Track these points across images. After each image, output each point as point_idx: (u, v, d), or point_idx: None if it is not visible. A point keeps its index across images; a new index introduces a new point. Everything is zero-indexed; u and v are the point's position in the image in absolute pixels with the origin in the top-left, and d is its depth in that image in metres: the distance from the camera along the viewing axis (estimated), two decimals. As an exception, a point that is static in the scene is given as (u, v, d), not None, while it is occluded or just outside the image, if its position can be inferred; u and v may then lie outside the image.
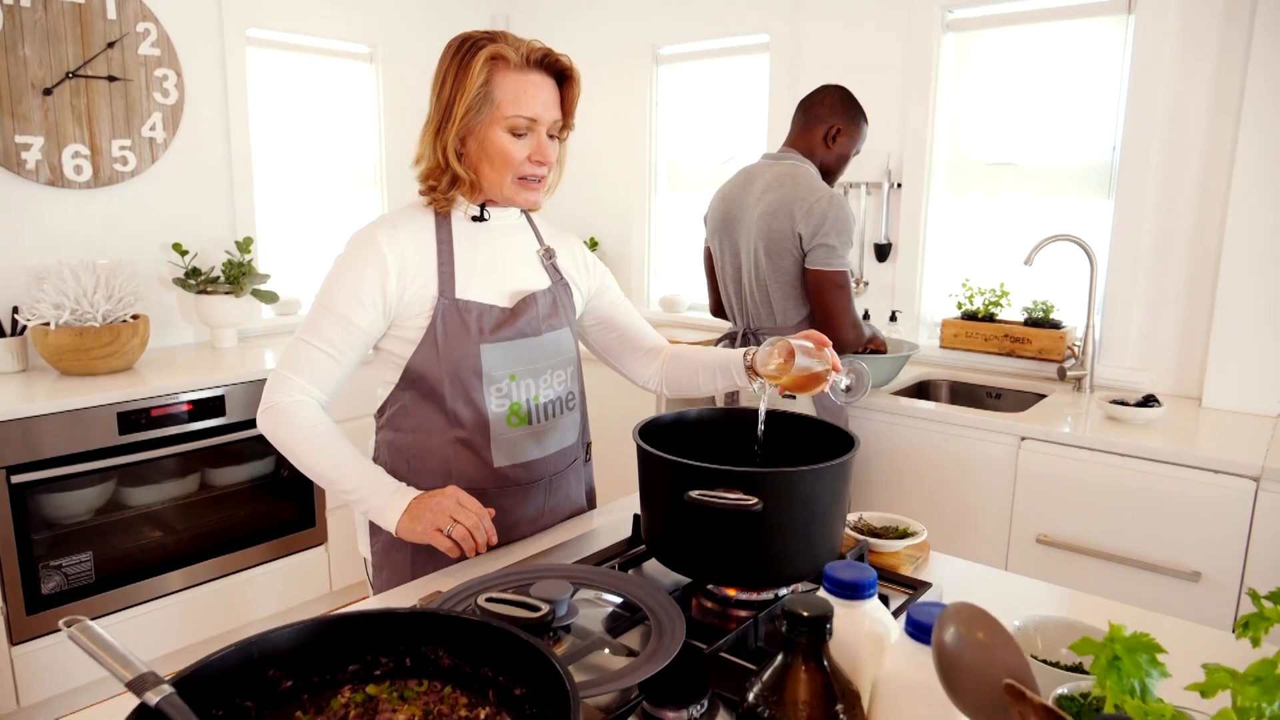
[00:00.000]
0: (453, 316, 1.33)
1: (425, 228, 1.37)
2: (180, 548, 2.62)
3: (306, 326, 1.32)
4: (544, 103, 1.31)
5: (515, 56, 1.28)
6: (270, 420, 1.31)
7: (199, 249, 3.04)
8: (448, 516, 1.23)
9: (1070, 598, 1.25)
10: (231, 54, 3.08)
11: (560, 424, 1.45)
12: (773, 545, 1.09)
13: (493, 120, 1.29)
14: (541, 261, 1.47)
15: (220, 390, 2.62)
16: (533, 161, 1.33)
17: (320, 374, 1.31)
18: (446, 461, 1.37)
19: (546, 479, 1.45)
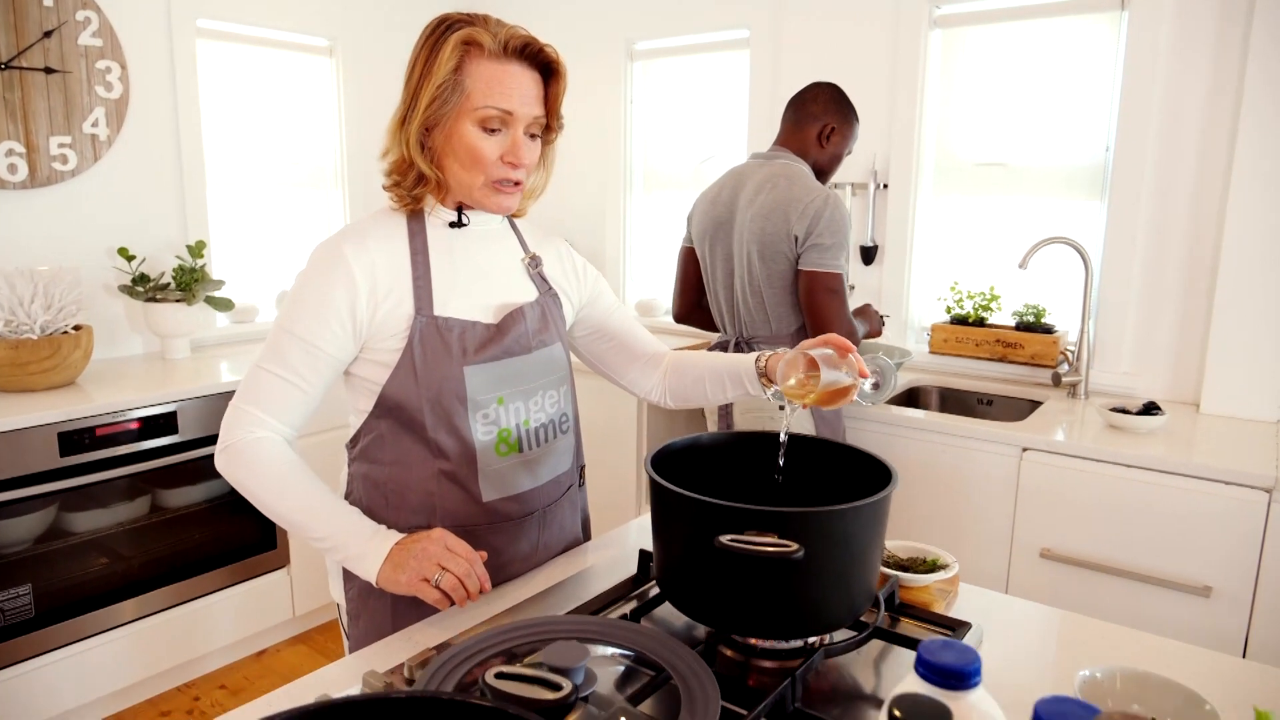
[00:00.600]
0: (432, 336, 1.19)
1: (397, 237, 1.22)
2: (130, 576, 2.44)
3: (267, 353, 1.17)
4: (522, 96, 1.17)
5: (492, 43, 1.14)
6: (229, 461, 1.16)
7: (147, 254, 2.85)
8: (434, 564, 1.09)
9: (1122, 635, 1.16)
10: (180, 45, 2.89)
11: (554, 449, 1.32)
12: (809, 591, 0.97)
13: (461, 111, 1.16)
14: (527, 270, 1.33)
15: (172, 406, 2.44)
16: (506, 162, 1.19)
17: (284, 406, 1.17)
18: (429, 497, 1.23)
19: (540, 511, 1.31)
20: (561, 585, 1.26)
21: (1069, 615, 1.21)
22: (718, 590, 0.99)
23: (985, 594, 1.28)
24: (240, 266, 3.21)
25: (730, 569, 0.97)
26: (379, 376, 1.20)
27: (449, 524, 1.22)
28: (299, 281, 1.18)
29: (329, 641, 2.88)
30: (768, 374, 1.29)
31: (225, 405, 2.50)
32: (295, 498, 1.15)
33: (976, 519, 2.22)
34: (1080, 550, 2.07)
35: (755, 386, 1.30)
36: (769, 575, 0.96)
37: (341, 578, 1.28)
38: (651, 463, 1.10)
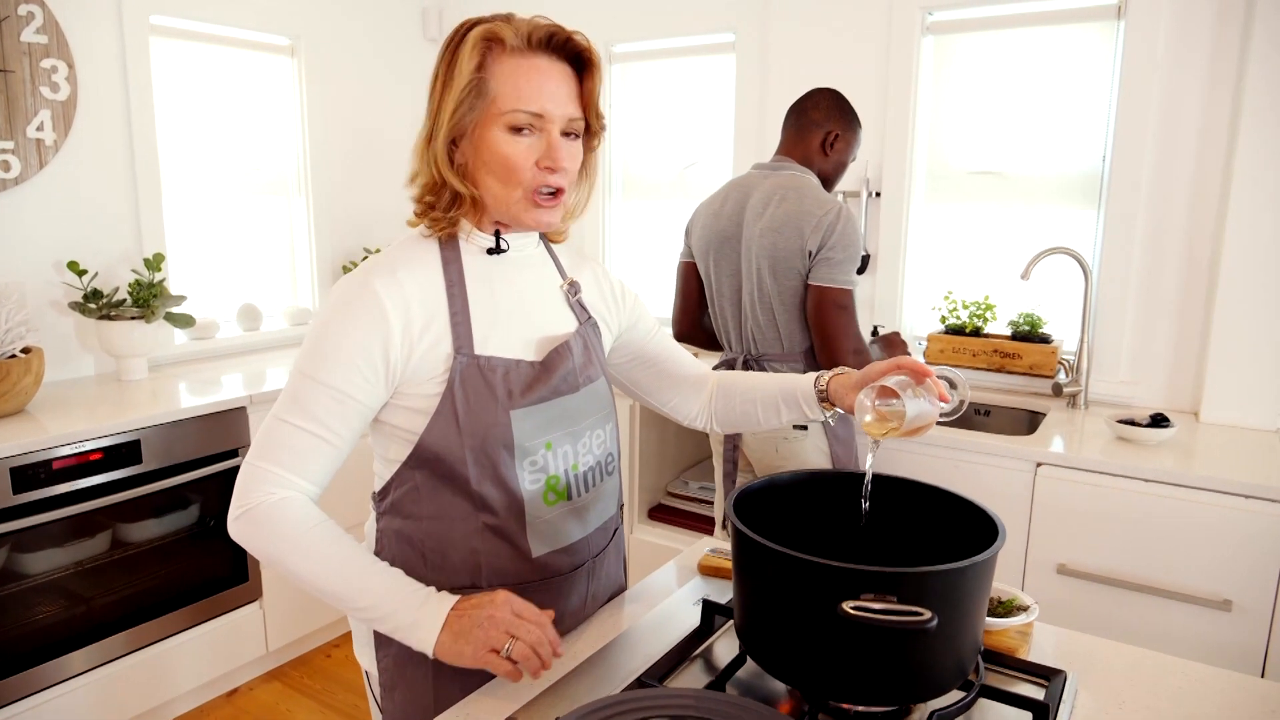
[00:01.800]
0: (474, 378, 1.07)
1: (430, 266, 1.09)
2: (90, 619, 2.25)
3: (287, 403, 1.04)
4: (552, 93, 1.04)
5: (514, 37, 1.03)
6: (246, 527, 1.03)
7: (100, 268, 2.65)
8: (503, 633, 0.98)
9: (1212, 674, 1.10)
10: (133, 44, 2.69)
11: (602, 493, 1.21)
12: (924, 654, 0.89)
13: (488, 117, 1.04)
14: (566, 298, 1.21)
15: (134, 435, 2.26)
16: (542, 168, 1.05)
17: (309, 462, 1.04)
18: (474, 555, 1.11)
19: (590, 562, 1.21)
20: (617, 643, 1.15)
21: (1153, 655, 1.15)
22: (826, 657, 0.90)
23: (1060, 633, 1.22)
24: (200, 280, 3.01)
25: (842, 635, 0.88)
26: (414, 424, 1.08)
27: (497, 583, 1.11)
28: (322, 321, 1.05)
29: (304, 677, 2.71)
30: (830, 397, 1.21)
31: (193, 431, 2.37)
32: (328, 564, 1.02)
33: (989, 536, 2.17)
34: (1098, 565, 2.04)
35: (815, 410, 1.22)
36: (885, 641, 0.87)
37: (373, 643, 1.15)
38: (735, 508, 1.01)
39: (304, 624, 2.76)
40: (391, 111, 3.53)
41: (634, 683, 1.03)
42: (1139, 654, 1.16)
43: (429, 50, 3.66)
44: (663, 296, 3.27)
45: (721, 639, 1.17)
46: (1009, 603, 1.20)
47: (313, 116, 3.24)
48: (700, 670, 1.10)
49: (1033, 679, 1.08)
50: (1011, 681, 1.08)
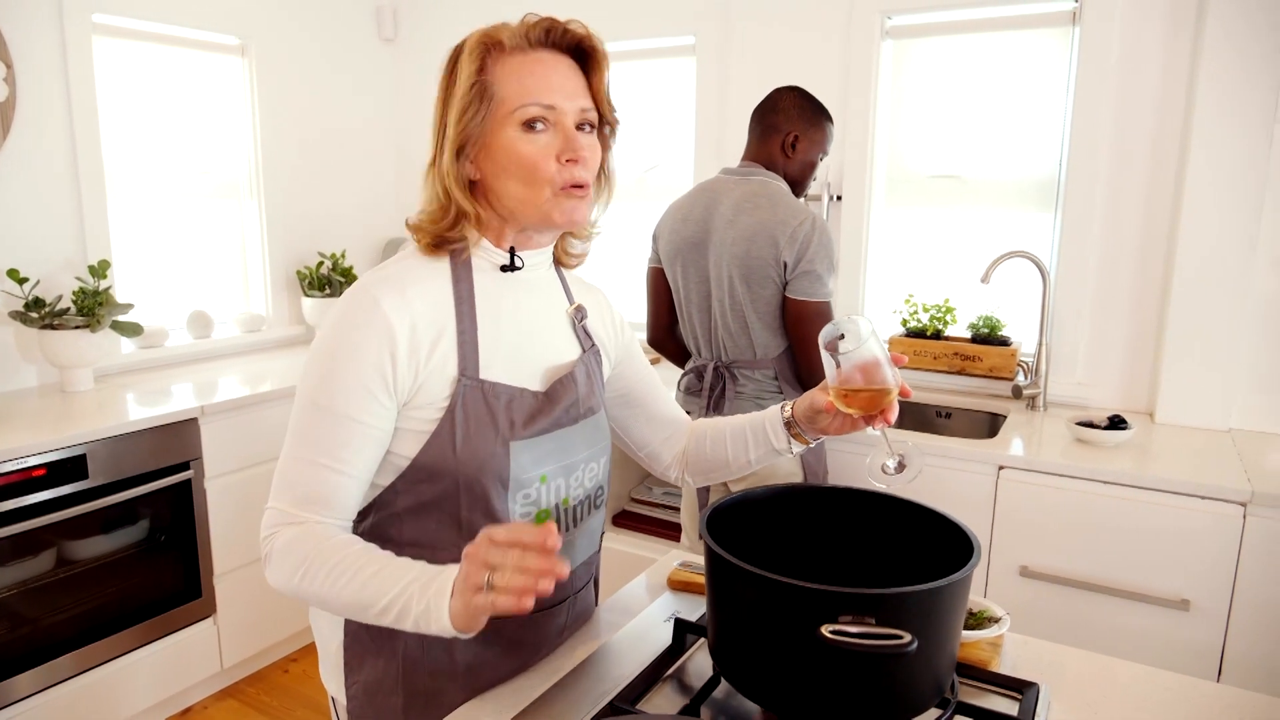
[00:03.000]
0: (476, 404, 1.01)
1: (440, 282, 1.04)
2: (34, 642, 2.16)
3: (299, 438, 0.98)
4: (560, 85, 0.99)
5: (511, 37, 0.99)
6: (280, 568, 0.97)
7: (41, 275, 2.55)
8: (479, 566, 0.85)
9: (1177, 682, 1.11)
10: (74, 43, 2.59)
11: (589, 526, 1.17)
12: (903, 675, 0.88)
13: (499, 120, 0.99)
14: (572, 323, 1.16)
15: (81, 449, 2.18)
16: (564, 162, 0.99)
17: (331, 499, 0.98)
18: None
19: (571, 598, 1.17)
20: (588, 664, 1.13)
21: (1121, 663, 1.16)
22: (804, 679, 0.89)
23: (1030, 643, 1.22)
24: (147, 286, 2.92)
25: (822, 658, 0.86)
26: (407, 449, 1.02)
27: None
28: (327, 343, 0.99)
29: (261, 694, 2.64)
30: (794, 421, 1.17)
31: (142, 444, 2.30)
32: (351, 573, 0.93)
33: (953, 539, 2.19)
34: (1059, 567, 2.07)
35: (781, 438, 1.18)
36: (865, 663, 0.86)
37: (342, 669, 1.10)
38: (708, 527, 0.99)
39: (259, 639, 2.69)
40: (346, 113, 3.46)
41: (606, 707, 1.00)
42: (1108, 662, 1.17)
43: (384, 50, 3.60)
44: (624, 300, 3.25)
45: (694, 658, 1.15)
46: (980, 614, 1.20)
47: (265, 118, 3.16)
48: (674, 691, 1.08)
49: (1005, 692, 1.08)
50: (984, 695, 1.08)
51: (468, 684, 1.08)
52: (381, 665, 1.08)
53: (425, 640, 1.06)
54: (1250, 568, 1.88)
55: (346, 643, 1.09)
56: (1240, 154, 2.19)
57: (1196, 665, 1.94)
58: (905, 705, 0.91)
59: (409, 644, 1.07)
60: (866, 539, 1.10)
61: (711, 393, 2.10)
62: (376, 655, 1.09)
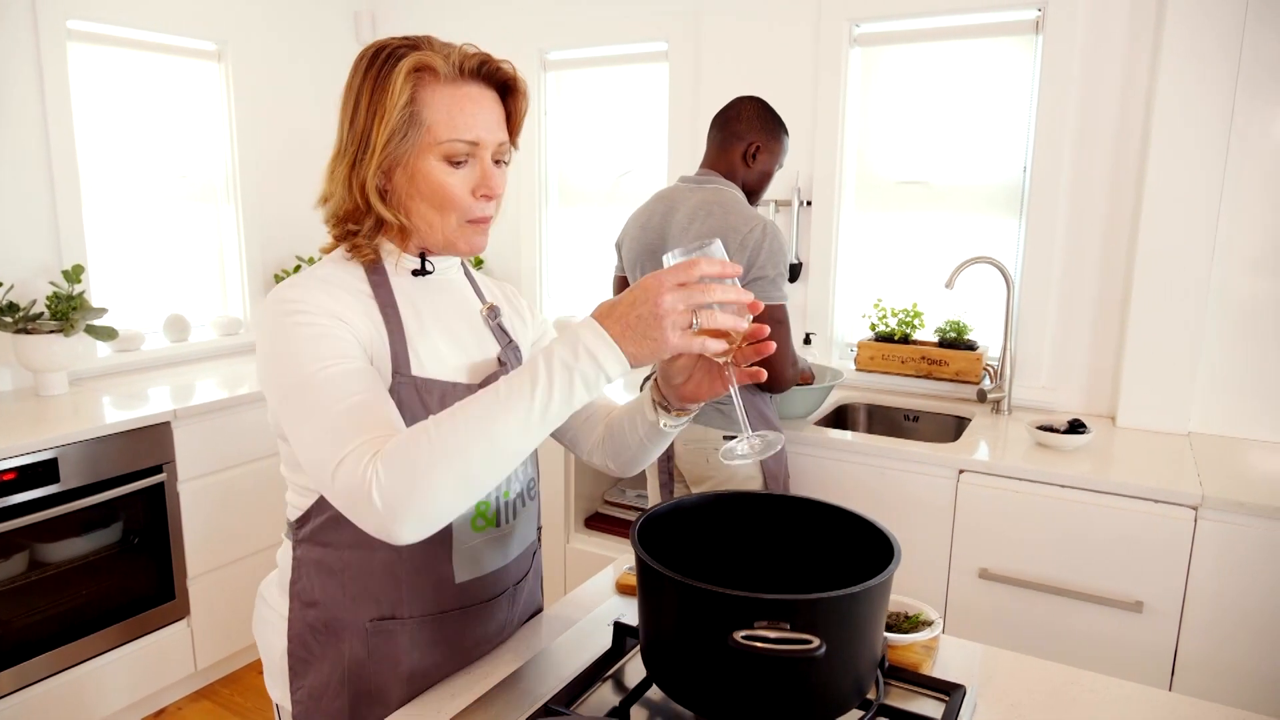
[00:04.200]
0: (413, 400, 1.04)
1: (360, 290, 1.06)
2: (6, 642, 2.18)
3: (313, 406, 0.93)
4: (486, 121, 1.04)
5: (445, 67, 1.01)
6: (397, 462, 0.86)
7: (16, 280, 2.57)
8: (683, 311, 0.85)
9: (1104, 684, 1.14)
10: (49, 49, 2.61)
11: (524, 519, 1.21)
12: (822, 677, 0.91)
13: (424, 147, 1.02)
14: (486, 322, 1.20)
15: (51, 452, 2.20)
16: (479, 196, 1.06)
17: (379, 418, 0.93)
18: (395, 583, 1.09)
19: (511, 589, 1.21)
20: (529, 666, 1.16)
21: (1052, 665, 1.19)
22: (723, 683, 0.92)
23: (964, 646, 1.25)
24: (123, 290, 2.94)
25: (739, 662, 0.89)
26: None
27: (417, 612, 1.10)
28: (281, 335, 0.98)
29: (235, 695, 2.67)
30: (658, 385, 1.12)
31: (114, 447, 2.32)
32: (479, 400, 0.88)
33: (915, 541, 2.22)
34: (1017, 569, 2.10)
35: (649, 410, 1.14)
36: (780, 668, 0.89)
37: (287, 675, 1.13)
38: (638, 534, 1.02)
39: (233, 641, 2.71)
40: (324, 117, 3.47)
41: (540, 709, 1.03)
42: (1039, 665, 1.20)
43: (363, 55, 3.61)
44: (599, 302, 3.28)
45: (633, 661, 1.18)
46: (915, 618, 1.23)
47: (242, 123, 3.18)
48: (611, 693, 1.11)
49: (934, 694, 1.11)
50: (913, 697, 1.11)
51: (411, 683, 1.11)
52: (326, 670, 1.11)
53: (370, 642, 1.09)
54: (1201, 570, 1.92)
55: (291, 648, 1.12)
56: (1198, 162, 2.23)
57: (1150, 665, 1.98)
58: (825, 707, 0.94)
59: (354, 646, 1.10)
60: (799, 545, 1.13)
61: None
62: (322, 660, 1.11)
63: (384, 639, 1.10)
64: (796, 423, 2.37)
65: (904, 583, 2.23)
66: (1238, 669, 1.91)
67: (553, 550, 2.90)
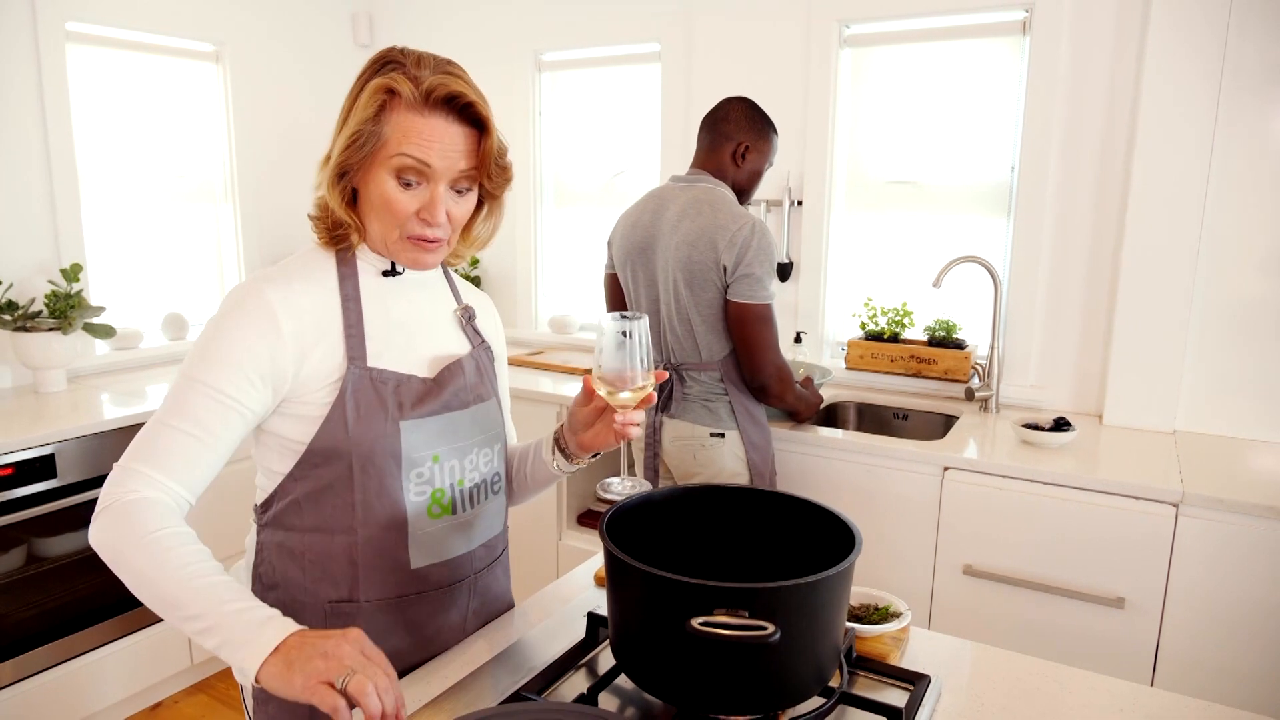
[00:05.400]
0: (365, 389, 1.09)
1: (326, 281, 1.12)
2: (5, 635, 2.22)
3: (169, 407, 1.03)
4: (442, 150, 1.06)
5: (412, 93, 1.04)
6: (105, 526, 0.98)
7: (15, 279, 2.61)
8: (344, 666, 0.88)
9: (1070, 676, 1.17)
10: (48, 51, 2.65)
11: (487, 510, 1.24)
12: (781, 665, 0.94)
13: (378, 160, 1.06)
14: (459, 322, 1.25)
15: (49, 448, 2.24)
16: (421, 219, 1.09)
17: (184, 464, 1.02)
18: (353, 566, 1.13)
19: (472, 577, 1.23)
20: (503, 656, 1.18)
21: (1021, 658, 1.21)
22: (685, 669, 0.94)
23: (935, 638, 1.27)
24: (121, 289, 2.98)
25: (699, 649, 0.92)
26: (302, 433, 1.09)
27: (375, 595, 1.13)
28: (212, 326, 1.06)
29: (230, 689, 2.70)
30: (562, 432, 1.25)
31: (111, 443, 2.35)
32: (169, 564, 0.95)
33: (901, 537, 2.24)
34: (1001, 566, 2.12)
35: (546, 450, 1.27)
36: (740, 654, 0.91)
37: None
38: (606, 526, 1.05)
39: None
40: (319, 116, 3.50)
41: (511, 695, 1.06)
42: (1006, 656, 1.22)
43: (359, 55, 3.65)
44: (594, 302, 3.31)
45: (605, 651, 1.20)
46: (884, 609, 1.26)
47: (239, 123, 3.21)
48: (583, 681, 1.13)
49: (899, 684, 1.13)
50: (879, 687, 1.13)
51: None
52: None
53: (329, 624, 1.12)
54: (1182, 566, 1.94)
55: None
56: (1183, 161, 2.25)
57: (1131, 661, 2.00)
58: (785, 693, 0.96)
59: (313, 626, 1.10)
60: (767, 537, 1.15)
61: (660, 393, 2.15)
62: None
63: (342, 621, 1.13)
64: (786, 420, 2.39)
65: (888, 578, 2.25)
66: (1218, 664, 1.93)
67: (545, 547, 2.92)
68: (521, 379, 2.92)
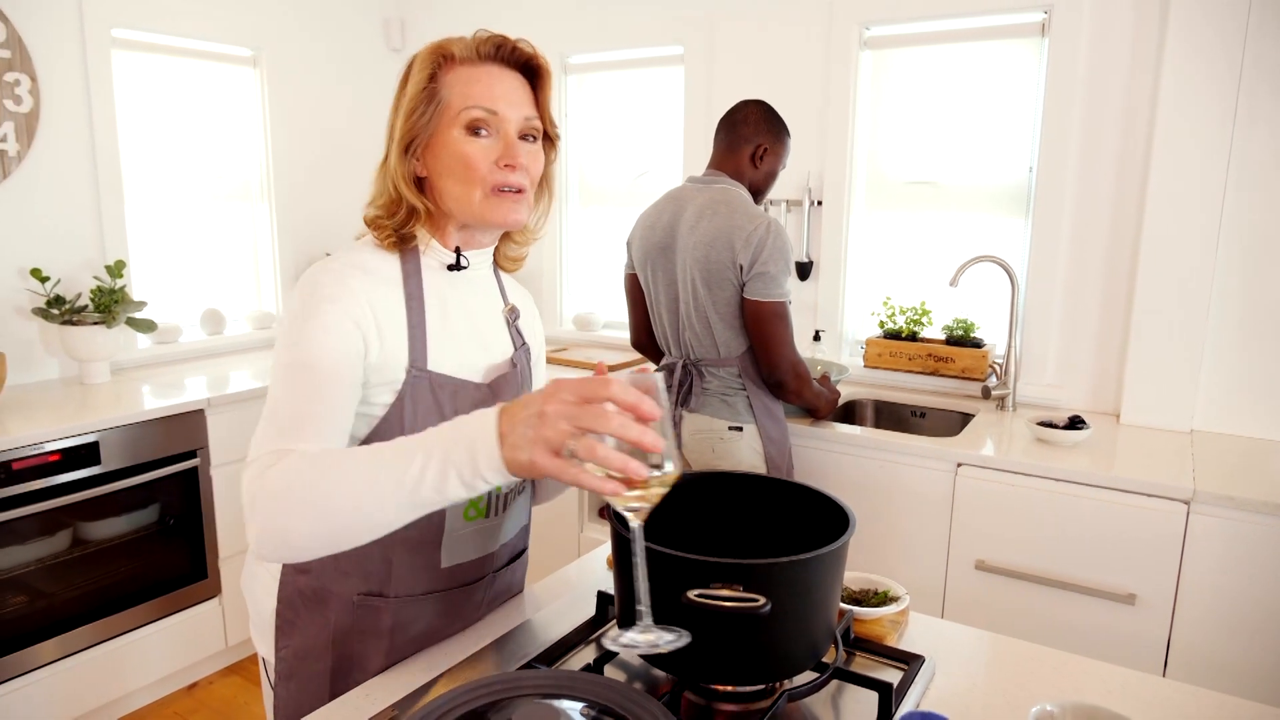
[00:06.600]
0: (424, 394, 1.09)
1: (391, 277, 1.10)
2: (51, 614, 2.33)
3: (280, 400, 0.99)
4: (505, 96, 1.06)
5: (463, 49, 1.06)
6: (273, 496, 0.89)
7: (62, 275, 2.72)
8: (562, 428, 0.78)
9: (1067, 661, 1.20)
10: (95, 57, 2.76)
11: (515, 510, 1.28)
12: (775, 639, 0.99)
13: (445, 122, 1.06)
14: (507, 322, 1.26)
15: (93, 436, 2.34)
16: (503, 165, 1.06)
17: (323, 432, 0.98)
18: (386, 564, 1.15)
19: (491, 575, 1.28)
20: (516, 632, 1.25)
21: (1017, 643, 1.25)
22: (684, 641, 1.00)
23: (934, 623, 1.31)
24: (162, 285, 3.09)
25: (696, 621, 0.97)
26: (357, 430, 1.08)
27: (402, 591, 1.17)
28: (300, 317, 1.02)
29: (264, 671, 2.80)
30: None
31: (152, 432, 2.46)
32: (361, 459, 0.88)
33: (914, 532, 2.28)
34: (1013, 561, 2.15)
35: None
36: (736, 626, 0.97)
37: (273, 633, 1.19)
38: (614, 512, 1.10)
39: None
40: (353, 119, 3.61)
41: (523, 665, 1.12)
42: (1003, 640, 1.26)
43: (391, 60, 3.74)
44: (618, 300, 3.37)
45: (614, 627, 1.26)
46: (883, 594, 1.30)
47: (275, 125, 3.32)
48: (590, 654, 1.19)
49: (894, 664, 1.17)
50: (875, 666, 1.18)
51: (389, 656, 1.19)
52: (312, 634, 1.17)
53: (356, 614, 1.16)
54: (1194, 563, 1.95)
55: (280, 609, 1.18)
56: (1201, 161, 2.26)
57: (1143, 657, 2.02)
58: (779, 666, 1.01)
59: (340, 616, 1.16)
60: (772, 520, 1.20)
61: (680, 388, 2.21)
62: (308, 624, 1.17)
63: (369, 612, 1.17)
64: (805, 417, 2.43)
65: (901, 572, 2.29)
66: (1228, 660, 1.94)
67: (566, 539, 2.99)
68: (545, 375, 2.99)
